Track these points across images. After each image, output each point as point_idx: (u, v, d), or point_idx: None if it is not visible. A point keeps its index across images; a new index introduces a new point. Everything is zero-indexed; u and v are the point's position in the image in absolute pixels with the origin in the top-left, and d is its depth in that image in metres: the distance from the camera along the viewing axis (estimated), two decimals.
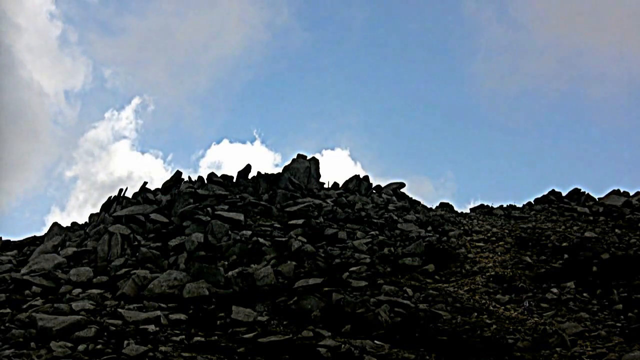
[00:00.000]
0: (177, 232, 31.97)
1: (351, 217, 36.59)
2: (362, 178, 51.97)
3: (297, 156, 52.72)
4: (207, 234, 30.39)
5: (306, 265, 26.78)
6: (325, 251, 29.05)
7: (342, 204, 41.89)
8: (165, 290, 23.30)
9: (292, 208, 37.50)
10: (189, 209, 34.18)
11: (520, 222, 38.30)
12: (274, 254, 28.40)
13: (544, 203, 47.18)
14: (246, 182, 44.45)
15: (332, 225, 34.63)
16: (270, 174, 45.47)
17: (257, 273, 25.04)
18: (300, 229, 32.75)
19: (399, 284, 24.04)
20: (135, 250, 29.37)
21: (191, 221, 32.74)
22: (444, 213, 41.87)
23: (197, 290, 23.08)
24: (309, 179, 49.28)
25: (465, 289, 24.68)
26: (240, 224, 32.68)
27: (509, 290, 24.49)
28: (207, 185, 41.14)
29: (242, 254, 28.58)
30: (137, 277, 24.29)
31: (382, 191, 50.67)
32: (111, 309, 21.30)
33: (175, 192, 38.20)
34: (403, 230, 34.32)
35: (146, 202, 37.38)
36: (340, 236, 31.83)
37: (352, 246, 29.87)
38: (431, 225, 35.88)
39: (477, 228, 36.07)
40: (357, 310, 20.42)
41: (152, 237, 31.47)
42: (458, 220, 38.88)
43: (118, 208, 37.04)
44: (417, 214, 40.41)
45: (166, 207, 36.33)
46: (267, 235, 31.09)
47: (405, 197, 50.47)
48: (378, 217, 37.39)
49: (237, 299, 22.40)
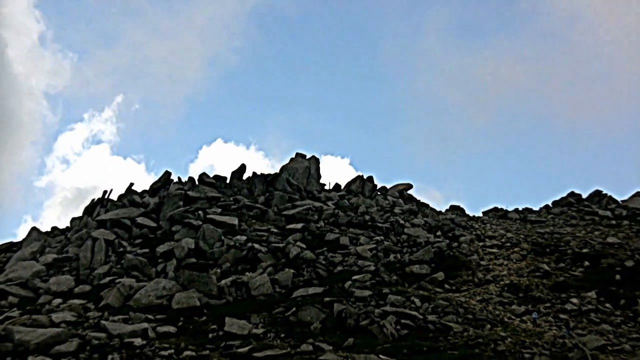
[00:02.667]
0: (166, 237, 31.99)
1: (354, 221, 36.61)
2: (365, 179, 52.06)
3: (296, 155, 52.80)
4: (198, 239, 30.38)
5: (305, 273, 26.78)
6: (326, 258, 29.05)
7: (344, 206, 41.92)
8: (152, 301, 23.28)
9: (290, 211, 37.50)
10: (179, 212, 34.20)
11: (537, 227, 38.30)
12: (271, 261, 28.39)
13: (563, 206, 47.22)
14: (241, 184, 44.50)
15: (334, 230, 34.65)
16: (267, 175, 45.55)
17: (253, 282, 25.03)
18: (299, 234, 32.76)
19: (405, 293, 24.02)
20: (121, 257, 29.37)
21: (181, 225, 32.76)
22: (455, 217, 41.89)
23: (187, 300, 23.06)
24: (308, 179, 49.31)
25: (477, 299, 24.66)
26: (234, 228, 32.70)
27: (525, 300, 24.45)
28: (199, 186, 41.16)
29: (236, 261, 28.57)
30: (123, 286, 24.28)
31: (387, 193, 50.71)
32: (94, 321, 21.30)
33: (164, 194, 38.21)
34: (410, 235, 34.33)
35: (132, 205, 37.39)
36: (342, 242, 31.85)
37: (355, 252, 29.87)
38: (441, 230, 35.89)
39: (491, 233, 36.07)
40: (360, 322, 20.43)
41: (139, 243, 31.49)
42: (470, 225, 38.88)
43: (102, 211, 37.07)
44: (425, 217, 40.44)
45: (154, 211, 36.37)
46: (263, 240, 31.11)
47: (412, 200, 50.53)
48: (383, 221, 37.40)
49: (231, 310, 22.39)
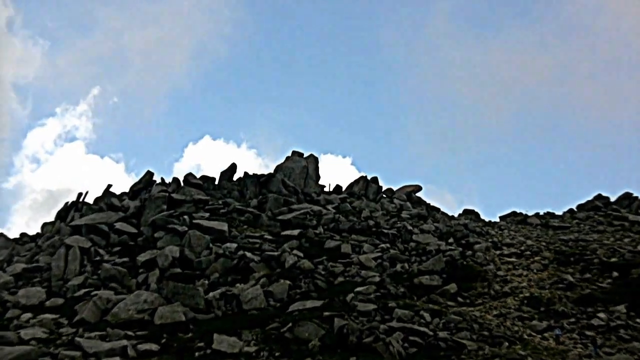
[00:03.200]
0: (148, 244, 32.02)
1: (357, 226, 36.66)
2: (369, 180, 52.19)
3: (292, 154, 52.95)
4: (184, 247, 30.43)
5: (303, 284, 26.83)
6: (326, 268, 29.12)
7: (346, 211, 41.99)
8: (133, 315, 23.29)
9: (286, 216, 37.55)
10: (162, 217, 34.22)
11: (560, 233, 38.39)
12: (264, 271, 28.43)
13: (589, 210, 47.32)
14: (231, 185, 44.56)
15: (334, 236, 34.70)
16: (260, 175, 45.62)
17: (244, 294, 25.07)
18: (295, 241, 32.81)
19: (414, 307, 24.08)
20: (97, 266, 29.39)
21: (164, 232, 32.78)
22: (469, 222, 41.99)
23: (171, 314, 23.08)
24: (306, 180, 49.38)
25: (494, 314, 24.72)
26: (223, 235, 32.74)
27: (546, 315, 24.50)
28: (184, 188, 41.20)
29: (225, 271, 28.61)
30: (100, 300, 24.29)
31: (393, 196, 50.81)
32: (68, 338, 21.30)
33: (146, 197, 38.23)
34: (419, 242, 34.39)
35: (110, 208, 37.40)
36: (343, 250, 31.91)
37: (358, 262, 29.94)
38: (453, 237, 35.96)
39: (509, 240, 36.15)
40: (364, 339, 20.47)
41: (118, 251, 31.50)
42: (485, 231, 38.97)
43: (76, 216, 37.08)
44: (436, 223, 40.51)
45: (134, 215, 36.36)
46: (256, 248, 31.15)
47: (421, 203, 50.65)
48: (389, 226, 37.47)
49: (220, 326, 22.42)
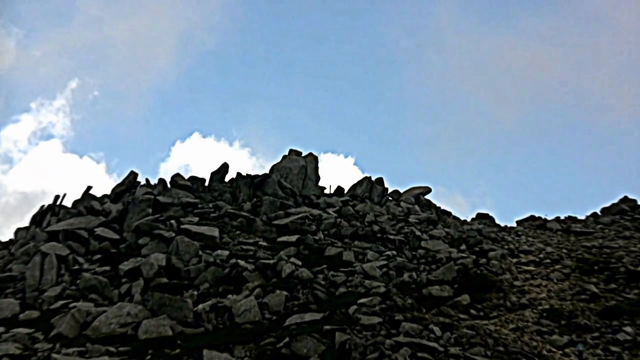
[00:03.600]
0: (131, 252, 31.99)
1: (360, 232, 36.62)
2: (374, 181, 52.16)
3: (289, 152, 52.97)
4: (171, 254, 30.39)
5: (301, 295, 26.77)
6: (326, 277, 29.06)
7: (348, 214, 41.92)
8: (115, 329, 23.27)
9: (283, 220, 37.50)
10: (147, 221, 34.19)
11: (582, 239, 38.33)
12: (259, 281, 28.39)
13: (614, 214, 47.26)
14: (222, 187, 44.53)
15: (335, 243, 34.64)
16: (254, 176, 45.62)
17: (237, 306, 25.01)
18: (293, 248, 32.76)
19: (423, 320, 24.03)
20: (76, 276, 29.37)
21: (149, 238, 32.75)
22: (483, 227, 41.94)
23: (157, 328, 23.05)
24: (304, 182, 49.36)
25: (510, 328, 24.69)
26: (214, 241, 32.70)
27: (568, 329, 24.47)
28: (171, 190, 41.15)
29: (216, 281, 28.57)
30: (78, 312, 24.25)
31: (400, 198, 50.78)
32: (43, 354, 21.27)
33: (129, 200, 38.19)
34: (428, 249, 34.35)
35: (90, 212, 37.37)
36: (345, 257, 31.86)
37: (361, 271, 29.89)
38: (465, 243, 35.93)
39: (526, 247, 36.11)
40: (367, 355, 20.42)
41: (98, 259, 31.50)
42: (501, 237, 38.93)
43: (53, 220, 37.03)
44: (446, 228, 40.48)
45: (116, 220, 36.34)
46: (250, 256, 31.11)
47: (431, 207, 50.59)
48: (395, 232, 37.42)
49: (210, 341, 22.38)
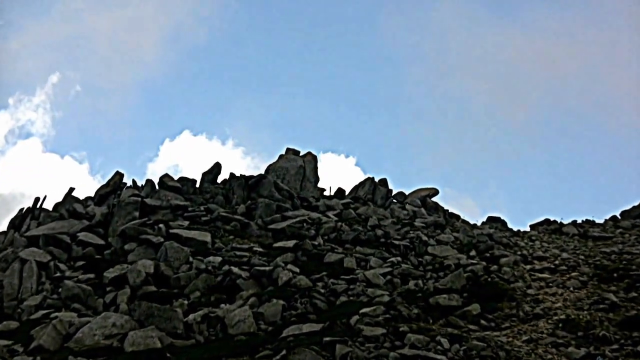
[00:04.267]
0: (117, 258, 31.93)
1: (362, 237, 36.56)
2: (377, 182, 52.16)
3: (286, 151, 52.98)
4: (159, 261, 30.35)
5: (299, 305, 26.73)
6: (326, 285, 29.02)
7: (350, 218, 41.88)
8: (99, 341, 23.20)
9: (279, 224, 37.45)
10: (134, 225, 34.14)
11: (601, 245, 38.25)
12: (254, 289, 28.34)
13: (635, 218, 47.20)
14: (214, 188, 44.51)
15: (336, 248, 34.57)
16: (249, 177, 45.59)
17: (230, 316, 24.97)
18: (290, 254, 32.70)
19: (430, 331, 23.96)
20: (57, 284, 29.30)
21: (136, 243, 32.68)
22: (494, 231, 41.86)
23: (144, 340, 22.98)
24: (302, 183, 49.33)
25: (523, 339, 24.61)
26: (205, 247, 32.64)
27: (585, 340, 24.34)
28: (159, 192, 41.09)
29: (208, 289, 28.52)
30: (60, 323, 24.19)
31: (405, 201, 50.77)
32: None
33: (114, 203, 38.14)
34: (436, 255, 34.28)
35: (73, 216, 37.30)
36: (347, 264, 31.81)
37: (363, 278, 29.84)
38: (475, 249, 35.86)
39: (541, 253, 36.01)
40: None
41: (82, 266, 31.45)
42: (513, 242, 38.84)
43: (33, 225, 36.95)
44: (455, 232, 40.40)
45: (101, 224, 36.28)
46: (244, 263, 31.06)
47: (438, 209, 50.55)
48: (400, 237, 37.36)
49: (202, 353, 22.32)
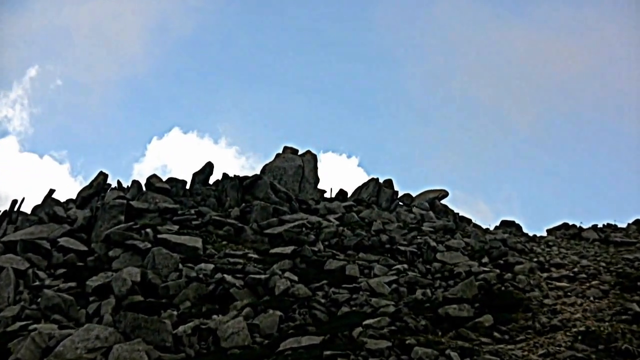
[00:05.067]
0: (101, 265, 31.95)
1: (366, 242, 36.59)
2: (382, 183, 52.21)
3: (284, 150, 53.07)
4: (147, 268, 30.37)
5: (297, 316, 26.79)
6: (327, 295, 29.08)
7: (352, 222, 41.88)
8: (81, 355, 23.24)
9: (276, 229, 37.50)
10: (119, 230, 34.17)
11: (623, 251, 38.27)
12: (249, 299, 28.40)
13: None
14: (206, 190, 44.55)
15: (337, 255, 34.60)
16: (243, 178, 45.61)
17: (223, 328, 25.03)
18: (288, 262, 32.75)
19: (438, 345, 24.01)
20: (37, 293, 29.32)
21: (122, 249, 32.70)
22: (508, 237, 41.87)
23: (130, 354, 23.02)
24: (301, 184, 49.39)
25: (540, 353, 24.65)
26: (196, 253, 32.69)
27: (606, 354, 24.35)
28: (147, 194, 41.15)
29: (199, 299, 28.55)
30: (39, 335, 24.23)
31: (413, 203, 50.73)
32: None
33: (98, 206, 38.19)
34: (445, 262, 34.30)
35: (53, 220, 37.32)
36: (349, 272, 31.86)
37: (367, 287, 29.90)
38: (488, 256, 35.90)
39: (559, 260, 36.04)
40: None
41: (63, 274, 31.45)
42: (529, 248, 38.86)
43: (10, 229, 37.00)
44: (466, 237, 40.41)
45: (83, 228, 36.31)
46: (238, 270, 31.12)
47: (448, 213, 50.55)
48: (407, 242, 37.39)
49: None
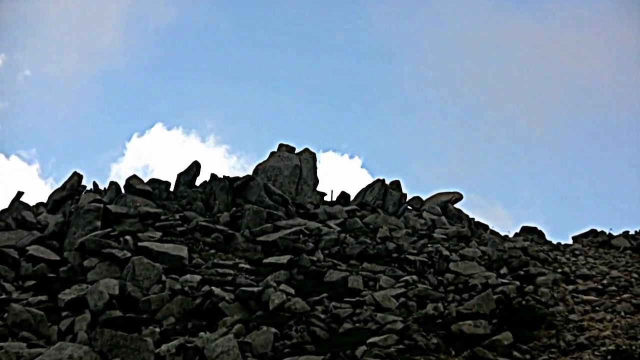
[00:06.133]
0: (75, 277, 31.90)
1: (371, 251, 36.54)
2: (389, 185, 52.12)
3: (279, 148, 53.00)
4: (126, 280, 30.34)
5: (294, 333, 26.77)
6: (327, 310, 29.06)
7: (356, 228, 41.80)
8: None
9: (271, 236, 37.43)
10: (95, 237, 34.12)
11: None
12: (240, 314, 28.38)
13: None
14: (192, 193, 44.41)
15: (339, 265, 34.56)
16: (234, 179, 45.49)
17: (211, 347, 25.02)
18: (283, 272, 32.70)
19: None
20: (3, 308, 29.29)
21: (98, 258, 32.63)
22: (529, 244, 41.81)
23: None
24: (298, 186, 49.30)
25: None
26: (181, 263, 32.64)
27: None
28: (126, 197, 41.04)
29: (185, 314, 28.52)
30: (6, 355, 24.22)
31: (423, 207, 50.63)
32: None
33: (71, 210, 38.11)
34: (459, 273, 34.26)
35: (21, 226, 37.27)
36: (352, 284, 31.83)
37: (372, 301, 29.88)
38: (507, 266, 35.85)
39: (586, 270, 36.02)
40: None
41: (32, 287, 31.41)
42: (553, 257, 38.84)
43: None
44: (482, 245, 40.36)
45: (55, 235, 36.21)
46: (228, 282, 31.09)
47: (462, 218, 50.46)
48: (417, 251, 37.34)
49: None
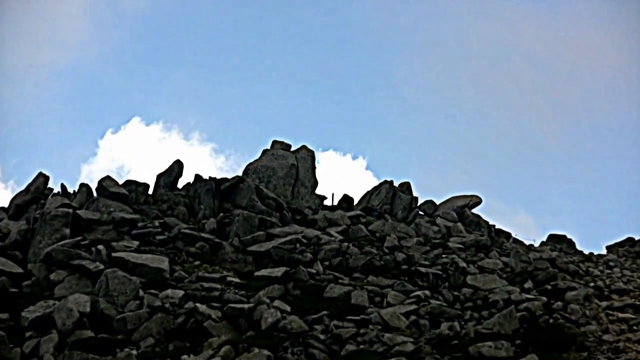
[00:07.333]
0: (40, 292, 31.89)
1: (377, 262, 36.51)
2: (397, 187, 52.10)
3: (272, 145, 53.00)
4: (98, 296, 30.31)
5: (290, 356, 26.76)
6: (327, 329, 29.03)
7: (360, 237, 41.81)
8: None
9: (263, 246, 37.41)
10: (63, 247, 34.07)
11: None
12: (228, 334, 28.36)
13: None
14: (174, 196, 44.39)
15: (341, 278, 34.53)
16: (221, 180, 45.56)
17: None
18: (278, 287, 32.68)
19: None
20: None
21: (67, 271, 32.62)
22: (557, 255, 41.83)
23: None
24: (294, 188, 49.32)
25: None
26: (161, 276, 32.61)
27: None
28: (99, 201, 41.00)
29: (165, 334, 28.51)
30: None
31: (436, 213, 50.62)
32: None
33: (37, 216, 38.04)
34: (477, 288, 34.25)
35: None
36: (355, 300, 31.81)
37: (379, 319, 29.85)
38: (532, 279, 35.84)
39: (621, 284, 36.01)
40: None
41: None
42: (584, 270, 38.82)
43: None
44: (504, 256, 40.32)
45: (18, 244, 36.24)
46: (214, 298, 31.07)
47: (481, 225, 50.45)
48: (429, 262, 37.32)
49: None
